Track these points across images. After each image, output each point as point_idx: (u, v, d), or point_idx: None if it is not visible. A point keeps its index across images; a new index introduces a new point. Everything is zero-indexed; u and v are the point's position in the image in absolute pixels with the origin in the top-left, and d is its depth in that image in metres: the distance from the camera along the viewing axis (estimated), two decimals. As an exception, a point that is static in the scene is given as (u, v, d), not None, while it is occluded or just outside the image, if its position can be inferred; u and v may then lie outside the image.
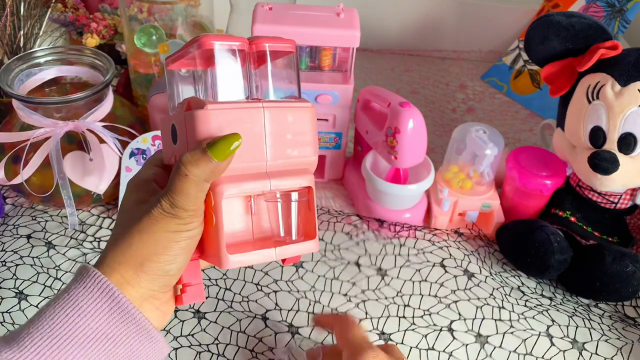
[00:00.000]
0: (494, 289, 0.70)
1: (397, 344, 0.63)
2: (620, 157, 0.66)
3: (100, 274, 0.37)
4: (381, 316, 0.66)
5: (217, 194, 0.38)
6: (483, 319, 0.66)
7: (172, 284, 0.41)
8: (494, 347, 0.63)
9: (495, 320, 0.66)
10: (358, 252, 0.73)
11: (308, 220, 0.43)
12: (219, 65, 0.39)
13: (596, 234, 0.73)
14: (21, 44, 0.86)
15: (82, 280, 0.37)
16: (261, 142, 0.39)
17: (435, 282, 0.70)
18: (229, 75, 0.40)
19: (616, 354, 0.64)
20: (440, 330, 0.65)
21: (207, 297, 0.66)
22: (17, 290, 0.65)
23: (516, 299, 0.69)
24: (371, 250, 0.73)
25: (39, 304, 0.64)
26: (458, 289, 0.69)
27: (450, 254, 0.74)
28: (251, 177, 0.39)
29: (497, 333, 0.65)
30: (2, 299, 0.64)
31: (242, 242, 0.42)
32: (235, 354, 0.61)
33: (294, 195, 0.41)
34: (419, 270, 0.71)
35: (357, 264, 0.72)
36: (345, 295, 0.68)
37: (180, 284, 0.42)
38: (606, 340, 0.65)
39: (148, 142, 0.73)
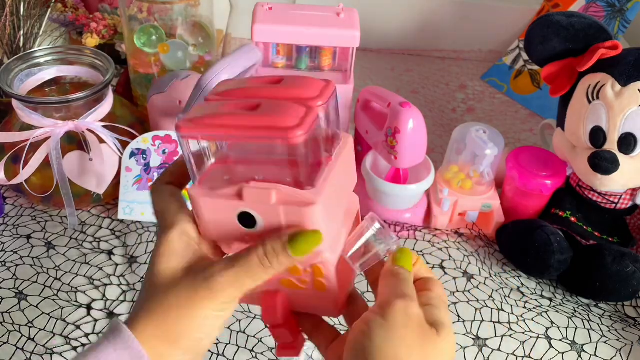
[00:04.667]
0: (493, 290, 0.70)
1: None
2: (621, 157, 0.66)
3: (134, 338, 0.35)
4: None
5: (328, 265, 0.38)
6: (482, 321, 0.66)
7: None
8: (492, 350, 0.63)
9: (494, 322, 0.66)
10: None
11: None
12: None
13: (596, 234, 0.73)
14: (21, 44, 0.86)
15: (114, 341, 0.35)
16: (340, 205, 0.40)
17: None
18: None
19: (615, 355, 0.64)
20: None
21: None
22: (17, 291, 0.65)
23: (515, 301, 0.69)
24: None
25: (38, 304, 0.64)
26: (457, 291, 0.69)
27: (450, 256, 0.74)
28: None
29: (495, 336, 0.65)
30: (2, 299, 0.64)
31: None
32: (235, 354, 0.61)
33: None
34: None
35: (357, 264, 0.71)
36: (345, 295, 0.68)
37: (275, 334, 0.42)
38: (605, 342, 0.65)
39: (148, 142, 0.73)
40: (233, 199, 0.36)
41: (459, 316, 0.66)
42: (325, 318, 0.44)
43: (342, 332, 0.42)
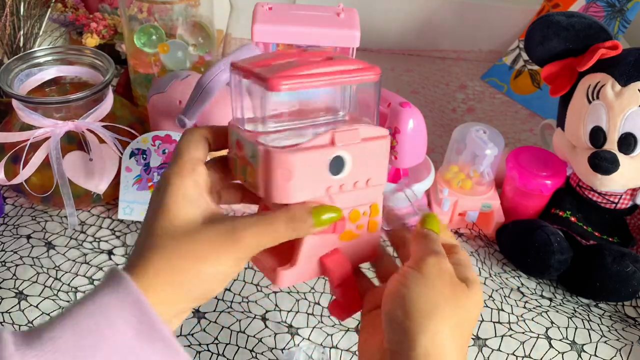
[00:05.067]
0: (493, 290, 0.70)
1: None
2: (621, 157, 0.66)
3: (133, 284, 0.33)
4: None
5: (383, 201, 0.43)
6: (482, 321, 0.66)
7: None
8: (492, 350, 0.63)
9: (494, 322, 0.66)
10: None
11: None
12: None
13: (596, 234, 0.73)
14: (21, 44, 0.86)
15: (114, 287, 0.33)
16: None
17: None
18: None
19: (615, 355, 0.64)
20: (440, 330, 0.65)
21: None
22: (17, 291, 0.65)
23: (515, 301, 0.69)
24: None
25: (38, 304, 0.64)
26: (458, 290, 0.69)
27: (450, 254, 0.74)
28: None
29: (495, 336, 0.65)
30: (2, 299, 0.64)
31: None
32: (235, 354, 0.61)
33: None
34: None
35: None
36: (345, 295, 0.68)
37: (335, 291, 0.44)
38: (605, 342, 0.65)
39: (148, 142, 0.73)
40: (327, 147, 0.38)
41: (459, 316, 0.66)
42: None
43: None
